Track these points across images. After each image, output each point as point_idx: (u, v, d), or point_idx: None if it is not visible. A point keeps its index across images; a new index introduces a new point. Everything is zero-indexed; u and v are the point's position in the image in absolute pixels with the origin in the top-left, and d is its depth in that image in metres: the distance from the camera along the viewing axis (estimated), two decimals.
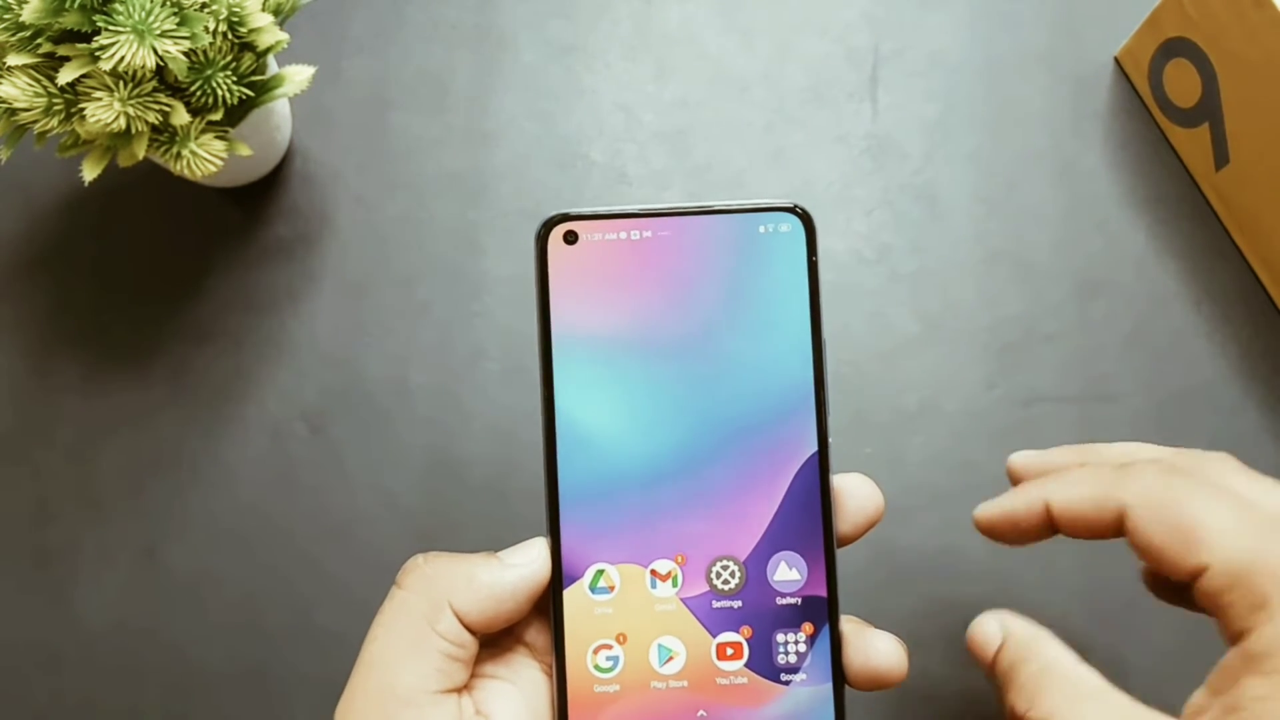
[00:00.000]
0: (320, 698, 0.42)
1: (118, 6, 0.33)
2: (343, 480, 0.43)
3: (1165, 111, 0.45)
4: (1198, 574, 0.25)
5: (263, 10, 0.37)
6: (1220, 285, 0.44)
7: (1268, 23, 0.38)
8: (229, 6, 0.35)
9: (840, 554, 0.28)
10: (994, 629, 0.29)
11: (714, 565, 0.28)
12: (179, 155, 0.37)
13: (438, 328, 0.44)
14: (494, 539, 0.43)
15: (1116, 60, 0.47)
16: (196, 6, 0.35)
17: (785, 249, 0.28)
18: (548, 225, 0.28)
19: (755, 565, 0.28)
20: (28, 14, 0.33)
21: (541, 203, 0.45)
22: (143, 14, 0.33)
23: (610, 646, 0.28)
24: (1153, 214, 0.45)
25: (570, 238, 0.28)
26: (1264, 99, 0.39)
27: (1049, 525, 0.30)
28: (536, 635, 0.29)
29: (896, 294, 0.44)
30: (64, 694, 0.42)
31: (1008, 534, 0.31)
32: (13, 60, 0.34)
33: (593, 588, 0.28)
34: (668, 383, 0.28)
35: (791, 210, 0.28)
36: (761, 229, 0.28)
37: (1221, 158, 0.43)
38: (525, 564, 0.27)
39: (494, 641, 0.29)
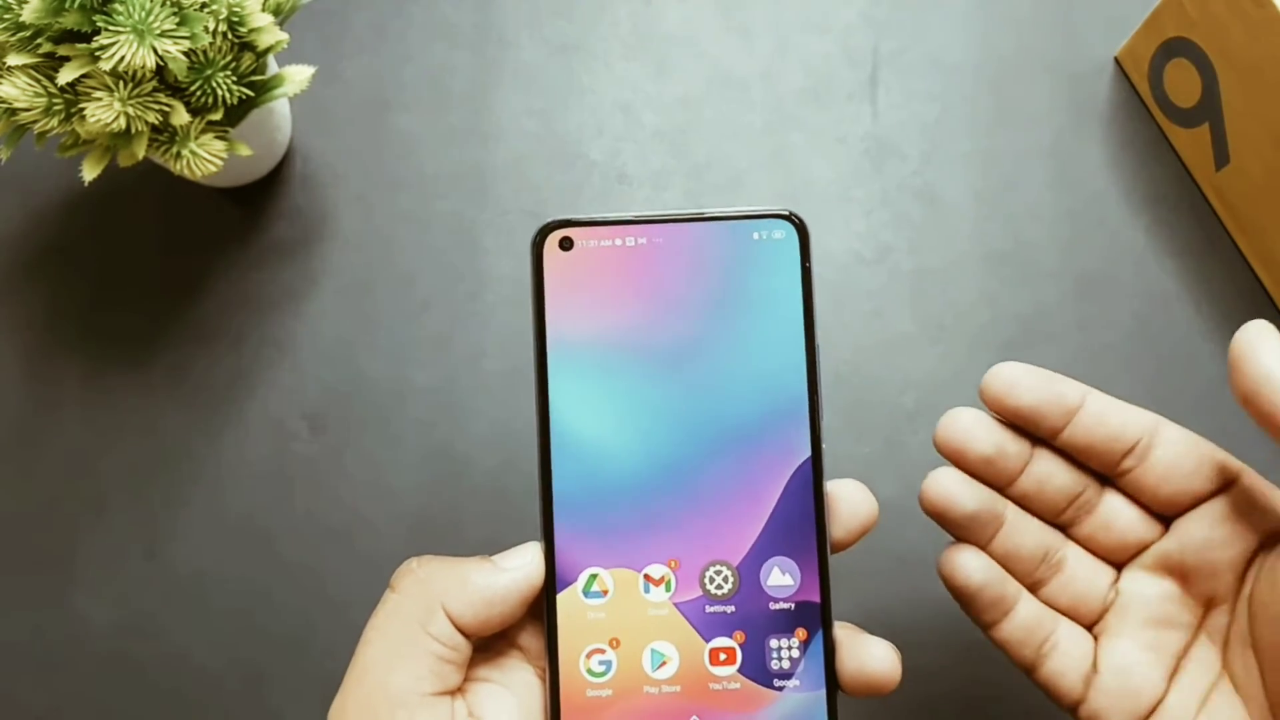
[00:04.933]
0: (320, 698, 0.42)
1: (118, 6, 0.33)
2: (343, 480, 0.43)
3: (1165, 111, 0.45)
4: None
5: (263, 10, 0.37)
6: (1220, 285, 0.44)
7: (1268, 23, 0.38)
8: (229, 6, 0.35)
9: (836, 557, 0.28)
10: None
11: (707, 570, 0.28)
12: (179, 155, 0.37)
13: (438, 328, 0.44)
14: (495, 538, 0.43)
15: (1116, 60, 0.47)
16: (196, 6, 0.35)
17: (779, 256, 0.28)
18: (543, 231, 0.29)
19: (748, 570, 0.28)
20: (28, 14, 0.33)
21: (541, 202, 0.46)
22: (143, 14, 0.33)
23: (603, 651, 0.28)
24: (1153, 214, 0.45)
25: (566, 244, 0.28)
26: (1264, 99, 0.39)
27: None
28: (530, 639, 0.29)
29: (896, 294, 0.44)
30: (64, 694, 0.42)
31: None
32: (13, 60, 0.34)
33: (586, 592, 0.28)
34: (662, 388, 0.28)
35: (786, 217, 0.28)
36: (756, 236, 0.28)
37: (1221, 158, 0.43)
38: (519, 567, 0.27)
39: (488, 645, 0.29)
